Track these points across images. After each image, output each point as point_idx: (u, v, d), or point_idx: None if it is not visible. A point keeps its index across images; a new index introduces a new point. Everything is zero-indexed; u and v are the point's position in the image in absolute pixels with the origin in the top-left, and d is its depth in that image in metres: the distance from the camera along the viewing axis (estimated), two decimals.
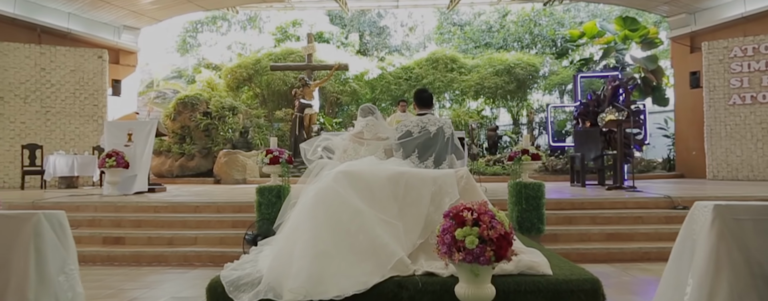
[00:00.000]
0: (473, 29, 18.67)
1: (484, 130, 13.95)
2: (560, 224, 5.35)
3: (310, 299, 2.70)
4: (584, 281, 2.87)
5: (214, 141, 12.84)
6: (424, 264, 2.96)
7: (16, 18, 10.95)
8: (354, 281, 2.78)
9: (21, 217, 1.79)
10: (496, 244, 2.44)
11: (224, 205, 5.93)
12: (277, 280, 2.79)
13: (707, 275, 1.73)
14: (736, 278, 1.71)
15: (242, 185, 11.05)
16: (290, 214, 3.42)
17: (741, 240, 1.75)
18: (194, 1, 11.91)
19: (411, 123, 3.94)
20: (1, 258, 1.72)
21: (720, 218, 1.78)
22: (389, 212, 3.07)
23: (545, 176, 11.10)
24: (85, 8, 11.83)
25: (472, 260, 2.44)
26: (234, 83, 14.88)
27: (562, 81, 14.79)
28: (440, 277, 2.86)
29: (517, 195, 4.73)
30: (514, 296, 2.80)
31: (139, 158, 7.25)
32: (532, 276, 2.87)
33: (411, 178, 3.25)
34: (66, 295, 1.83)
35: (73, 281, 1.88)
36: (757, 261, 1.74)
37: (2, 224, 1.77)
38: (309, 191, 3.36)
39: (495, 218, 2.51)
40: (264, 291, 2.74)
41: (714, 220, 1.78)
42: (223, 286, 2.84)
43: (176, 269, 4.68)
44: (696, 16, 12.55)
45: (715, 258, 1.73)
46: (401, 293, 2.84)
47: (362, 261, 2.89)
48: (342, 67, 13.16)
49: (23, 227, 1.79)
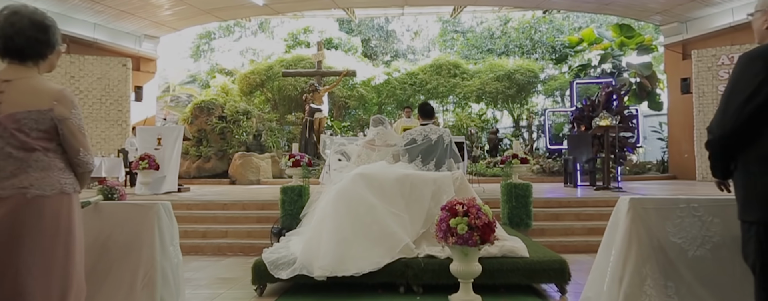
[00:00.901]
0: (476, 36, 19.34)
1: (486, 133, 14.60)
2: (548, 219, 6.01)
3: (335, 275, 3.42)
4: (554, 261, 3.57)
5: (229, 144, 13.56)
6: (425, 248, 3.68)
7: None
8: (369, 262, 3.49)
9: (147, 205, 2.51)
10: (481, 230, 3.15)
11: (249, 202, 6.64)
12: (308, 260, 3.51)
13: (623, 247, 2.41)
14: (640, 249, 2.38)
15: (256, 185, 11.76)
16: (315, 208, 4.15)
17: (646, 222, 2.42)
18: (212, 12, 12.65)
19: (415, 132, 4.63)
20: (136, 234, 2.43)
21: (633, 207, 2.45)
22: (397, 207, 3.78)
23: (542, 177, 11.75)
24: (109, 19, 12.59)
25: (462, 243, 3.15)
26: (247, 88, 15.60)
27: (560, 86, 15.42)
28: (438, 259, 3.57)
29: (507, 194, 5.41)
30: (498, 273, 3.50)
31: (169, 161, 7.97)
32: (512, 258, 3.57)
33: (415, 179, 3.96)
34: (173, 261, 2.54)
35: (177, 251, 2.58)
36: (656, 236, 2.41)
37: (136, 211, 2.49)
38: (331, 190, 4.08)
39: (480, 210, 3.21)
40: (299, 269, 3.47)
41: (629, 209, 2.45)
42: (265, 265, 3.56)
43: (212, 257, 5.38)
44: (687, 25, 13.16)
45: (628, 235, 2.41)
46: (407, 272, 3.55)
47: (376, 246, 3.60)
48: (350, 73, 13.84)
49: (149, 212, 2.49)
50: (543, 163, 12.46)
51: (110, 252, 2.39)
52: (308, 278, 3.45)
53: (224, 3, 12.25)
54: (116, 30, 13.05)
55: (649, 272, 2.35)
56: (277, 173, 12.58)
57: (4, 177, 1.73)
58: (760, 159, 1.76)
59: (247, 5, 12.32)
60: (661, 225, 2.40)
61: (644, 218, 2.41)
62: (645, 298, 2.32)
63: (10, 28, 1.81)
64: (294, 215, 5.33)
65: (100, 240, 2.29)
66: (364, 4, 13.61)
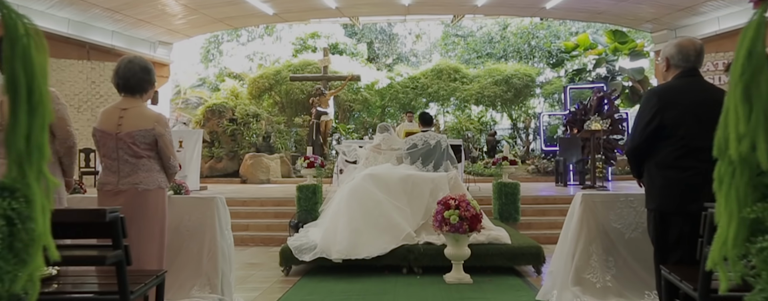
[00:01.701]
0: (476, 40, 20.03)
1: (484, 135, 15.28)
2: (535, 215, 6.69)
3: (349, 258, 4.12)
4: (532, 247, 4.26)
5: (240, 145, 14.27)
6: (424, 236, 4.38)
7: (70, 37, 12.44)
8: (377, 247, 4.20)
9: (209, 198, 3.21)
10: (470, 220, 3.84)
11: (266, 200, 7.34)
12: (326, 246, 4.22)
13: (575, 231, 3.08)
14: (589, 232, 3.06)
15: (267, 184, 12.46)
16: (331, 203, 4.86)
17: (594, 212, 3.10)
18: (224, 21, 13.36)
19: (416, 138, 5.33)
20: (201, 220, 3.14)
21: (584, 201, 3.14)
22: (401, 202, 4.48)
23: (537, 177, 12.43)
24: (127, 27, 13.32)
25: (454, 231, 3.85)
26: (256, 92, 16.31)
27: (556, 90, 16.10)
28: (435, 245, 4.28)
29: (498, 192, 6.10)
30: (484, 257, 4.20)
31: (190, 162, 8.68)
32: (497, 244, 4.27)
33: (416, 178, 4.66)
34: (228, 241, 3.23)
35: (230, 234, 3.28)
36: (601, 222, 3.09)
37: (200, 202, 3.19)
38: (344, 188, 4.78)
39: (470, 204, 3.91)
40: (319, 253, 4.17)
41: (581, 202, 3.13)
42: (291, 250, 4.27)
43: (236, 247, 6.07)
44: (677, 32, 13.81)
45: (580, 222, 3.09)
46: (409, 256, 4.25)
47: (383, 234, 4.30)
48: (354, 78, 14.53)
49: (210, 203, 3.18)
50: (538, 164, 13.12)
51: (181, 234, 3.09)
52: (326, 260, 4.16)
53: (236, 12, 12.96)
54: (132, 37, 13.77)
55: (595, 250, 3.04)
56: (286, 173, 13.30)
57: (123, 176, 2.46)
58: (656, 165, 2.45)
59: (258, 14, 13.03)
60: (605, 214, 3.09)
61: (593, 208, 3.09)
62: (590, 270, 3.01)
63: (128, 72, 2.52)
64: (309, 210, 6.03)
65: (173, 225, 2.96)
66: (368, 13, 14.30)
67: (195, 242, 3.08)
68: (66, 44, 12.42)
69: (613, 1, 12.23)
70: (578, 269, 3.01)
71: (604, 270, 2.99)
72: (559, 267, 3.15)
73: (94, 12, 12.26)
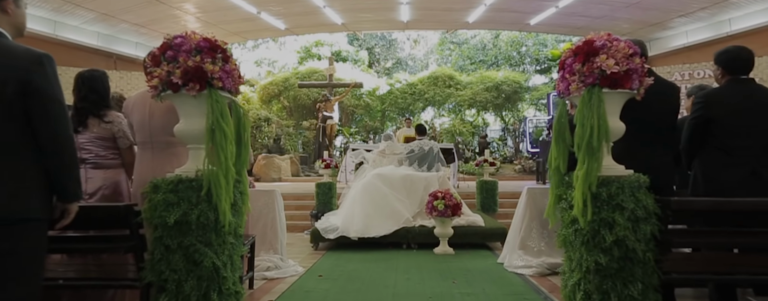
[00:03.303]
0: (470, 47, 21.43)
1: (476, 137, 16.68)
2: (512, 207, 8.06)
3: (363, 236, 5.53)
4: (499, 228, 5.68)
5: (252, 146, 15.62)
6: (419, 221, 5.80)
7: (99, 49, 13.76)
8: (384, 229, 5.60)
9: (270, 190, 4.58)
10: (452, 208, 5.24)
11: (287, 195, 8.68)
12: (346, 228, 5.62)
13: (521, 213, 4.46)
14: (531, 213, 4.44)
15: (279, 182, 13.81)
16: (347, 196, 6.26)
17: (534, 200, 4.48)
18: (239, 34, 14.71)
19: (414, 145, 6.72)
20: (266, 205, 4.50)
21: (529, 192, 4.52)
22: (402, 195, 5.89)
23: (523, 176, 13.81)
24: (149, 39, 14.65)
25: (441, 215, 5.24)
26: (267, 97, 17.63)
27: (542, 95, 17.50)
28: (427, 227, 5.68)
29: (480, 188, 7.50)
30: (464, 236, 5.61)
31: None
32: (473, 227, 5.68)
33: (414, 177, 6.08)
34: (283, 221, 4.60)
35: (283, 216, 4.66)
36: (539, 207, 4.47)
37: (265, 193, 4.55)
38: (357, 184, 6.18)
39: (452, 196, 5.30)
40: (340, 232, 5.59)
41: (526, 193, 4.51)
42: (319, 231, 5.67)
43: None
44: (650, 44, 15.22)
45: (525, 207, 4.46)
46: (408, 235, 5.66)
47: (388, 220, 5.71)
48: (357, 85, 15.87)
49: (271, 195, 4.54)
50: (524, 164, 14.51)
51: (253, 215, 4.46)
52: (346, 238, 5.57)
53: (250, 27, 14.30)
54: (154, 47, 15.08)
55: (535, 226, 4.43)
56: (295, 172, 14.65)
57: None
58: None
59: (271, 28, 14.38)
60: (542, 201, 4.47)
61: (534, 197, 4.48)
62: (531, 239, 4.39)
63: None
64: (325, 202, 7.41)
65: None
66: (371, 27, 15.67)
67: (262, 220, 4.43)
68: (95, 55, 13.71)
69: (590, 17, 13.62)
70: (523, 239, 4.39)
71: (539, 239, 4.37)
72: (512, 238, 4.55)
73: (122, 26, 13.60)
